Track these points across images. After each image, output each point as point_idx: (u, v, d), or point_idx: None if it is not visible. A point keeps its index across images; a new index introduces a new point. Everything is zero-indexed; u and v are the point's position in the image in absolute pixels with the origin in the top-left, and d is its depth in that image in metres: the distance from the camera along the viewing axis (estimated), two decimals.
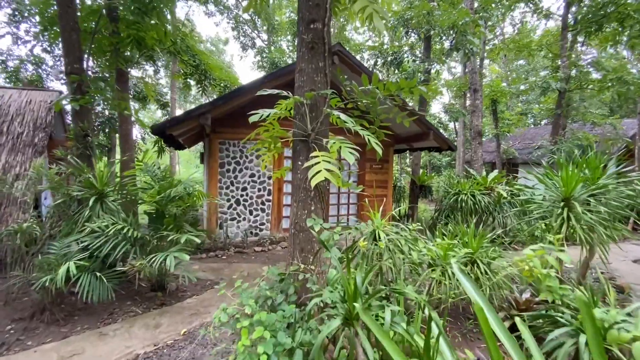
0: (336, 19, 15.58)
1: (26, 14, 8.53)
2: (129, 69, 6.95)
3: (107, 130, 12.24)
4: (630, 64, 15.50)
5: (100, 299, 3.59)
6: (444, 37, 7.41)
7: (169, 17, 7.98)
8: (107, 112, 11.35)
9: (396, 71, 9.66)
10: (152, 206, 4.54)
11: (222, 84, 9.22)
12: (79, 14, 4.90)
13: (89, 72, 9.94)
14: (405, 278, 3.15)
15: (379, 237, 3.44)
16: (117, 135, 9.21)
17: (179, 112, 19.87)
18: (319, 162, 2.25)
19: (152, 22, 5.33)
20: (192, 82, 10.76)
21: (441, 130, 10.27)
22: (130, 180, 4.61)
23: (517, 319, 2.10)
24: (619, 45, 10.27)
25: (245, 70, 52.49)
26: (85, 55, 5.54)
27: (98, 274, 3.61)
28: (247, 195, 7.04)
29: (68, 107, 8.36)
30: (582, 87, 8.87)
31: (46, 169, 5.63)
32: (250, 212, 7.09)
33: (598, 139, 11.89)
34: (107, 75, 7.14)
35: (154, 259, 3.59)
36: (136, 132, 14.22)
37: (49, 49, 8.92)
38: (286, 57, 15.63)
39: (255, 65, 17.93)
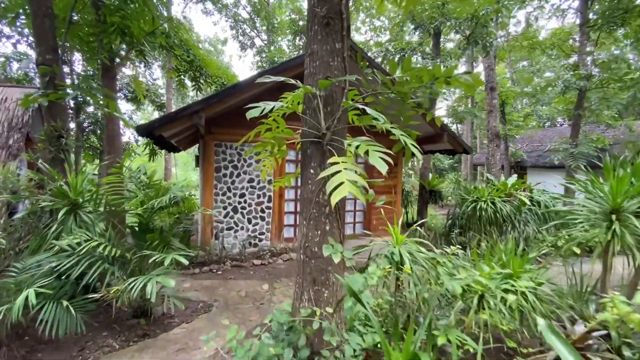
0: None
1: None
2: (118, 66, 6.36)
3: (98, 132, 11.64)
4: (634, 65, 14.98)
5: (68, 332, 3.01)
6: (459, 30, 6.87)
7: (165, 13, 7.42)
8: (99, 113, 10.76)
9: None
10: (136, 218, 3.95)
11: (219, 82, 8.64)
12: None
13: (75, 67, 9.31)
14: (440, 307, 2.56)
15: (402, 260, 2.86)
16: None
17: None
18: (340, 172, 1.67)
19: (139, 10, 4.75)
20: (188, 82, 10.17)
21: None
22: (111, 189, 4.00)
23: None
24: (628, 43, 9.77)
25: (245, 70, 52.06)
26: (66, 48, 4.97)
27: (65, 302, 3.02)
28: (245, 202, 6.45)
29: None
30: (603, 86, 8.34)
31: (23, 173, 5.05)
32: (249, 221, 6.50)
33: (613, 141, 11.34)
34: (95, 72, 6.56)
35: (133, 284, 3.00)
36: (129, 134, 13.60)
37: (33, 44, 8.31)
38: (286, 57, 15.09)
39: (254, 65, 17.41)
